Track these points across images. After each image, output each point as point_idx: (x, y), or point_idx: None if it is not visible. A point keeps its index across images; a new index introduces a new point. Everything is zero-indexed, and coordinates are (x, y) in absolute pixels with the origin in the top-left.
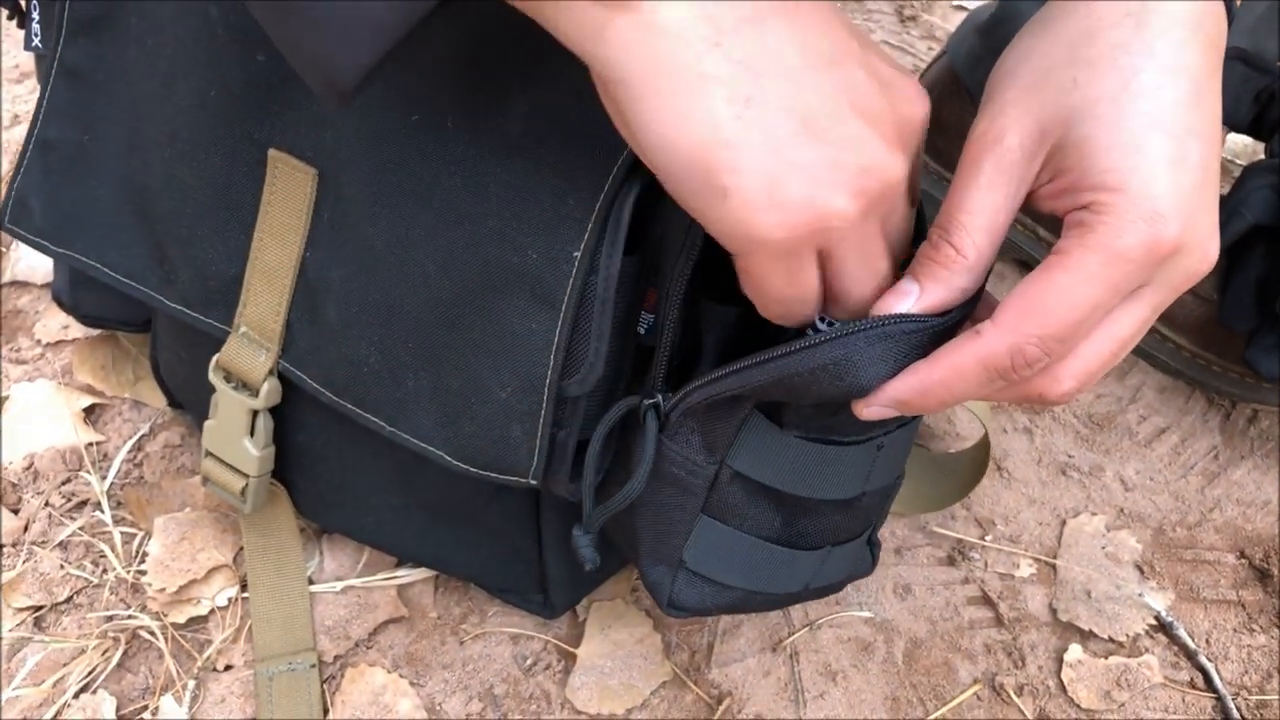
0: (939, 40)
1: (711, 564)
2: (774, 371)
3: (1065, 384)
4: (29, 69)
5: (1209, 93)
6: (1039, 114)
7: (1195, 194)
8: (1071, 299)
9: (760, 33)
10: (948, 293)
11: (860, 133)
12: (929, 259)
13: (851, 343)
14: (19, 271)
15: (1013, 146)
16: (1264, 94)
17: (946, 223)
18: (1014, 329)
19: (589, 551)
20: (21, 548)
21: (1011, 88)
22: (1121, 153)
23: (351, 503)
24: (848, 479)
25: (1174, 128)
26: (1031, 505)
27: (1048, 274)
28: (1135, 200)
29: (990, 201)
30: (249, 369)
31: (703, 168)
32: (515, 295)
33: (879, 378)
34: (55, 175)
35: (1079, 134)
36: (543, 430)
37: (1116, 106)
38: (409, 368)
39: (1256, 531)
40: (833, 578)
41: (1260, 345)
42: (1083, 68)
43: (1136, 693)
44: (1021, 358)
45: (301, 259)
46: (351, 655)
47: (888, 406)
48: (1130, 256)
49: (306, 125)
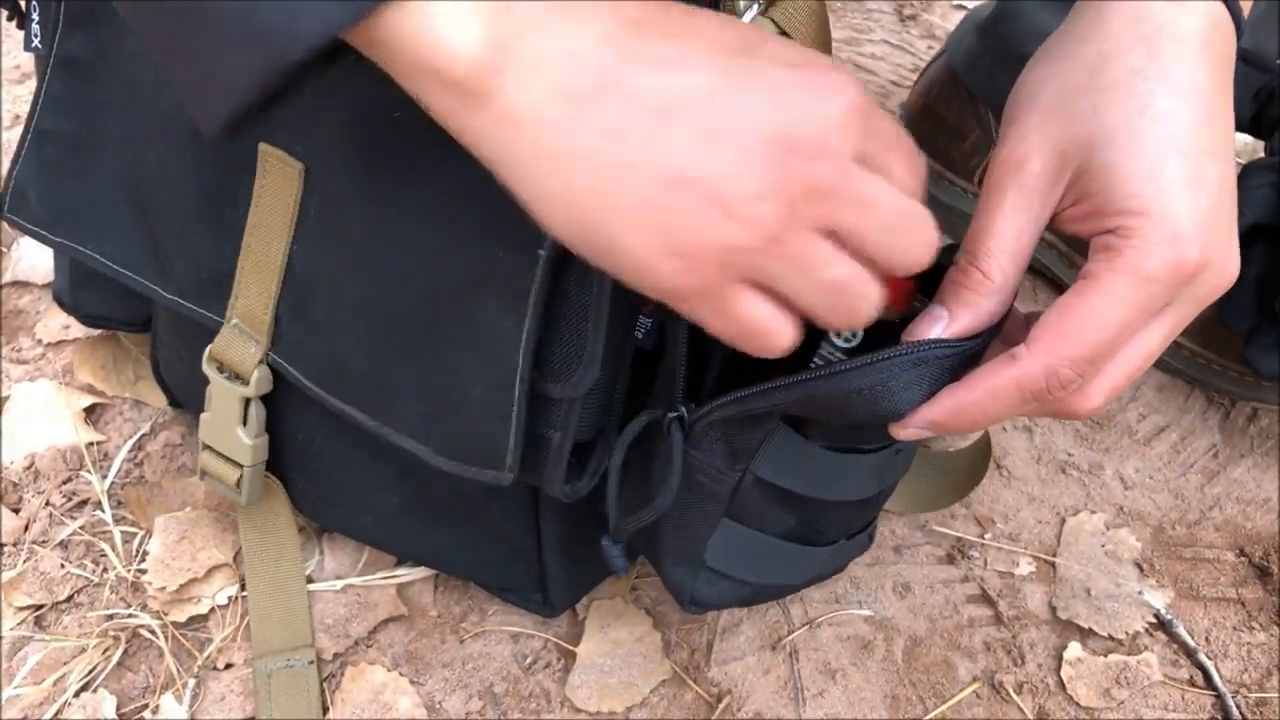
0: (938, 39)
1: (732, 563)
2: (804, 393)
3: (1094, 400)
4: (29, 70)
5: (1221, 110)
6: (1060, 140)
7: (1213, 212)
8: (1102, 321)
9: (619, 92)
10: (976, 316)
11: (745, 157)
12: (957, 284)
13: (886, 369)
14: (20, 271)
15: (1035, 172)
16: (1263, 92)
17: (973, 248)
18: (1049, 352)
19: (620, 561)
20: (22, 547)
21: (1032, 114)
22: (1143, 178)
23: (350, 502)
24: (866, 482)
25: (1190, 149)
26: (1031, 503)
27: (1080, 298)
28: (1159, 223)
29: (1014, 226)
30: (239, 360)
31: (588, 240)
32: (488, 293)
33: (913, 402)
34: (52, 166)
35: (1101, 160)
36: (516, 426)
37: (1135, 132)
38: (392, 364)
39: (1256, 529)
40: (843, 562)
41: (1260, 344)
42: (1100, 94)
43: (1136, 691)
44: (1056, 380)
45: (289, 254)
46: (351, 654)
47: (924, 428)
48: (1157, 278)
49: (296, 121)
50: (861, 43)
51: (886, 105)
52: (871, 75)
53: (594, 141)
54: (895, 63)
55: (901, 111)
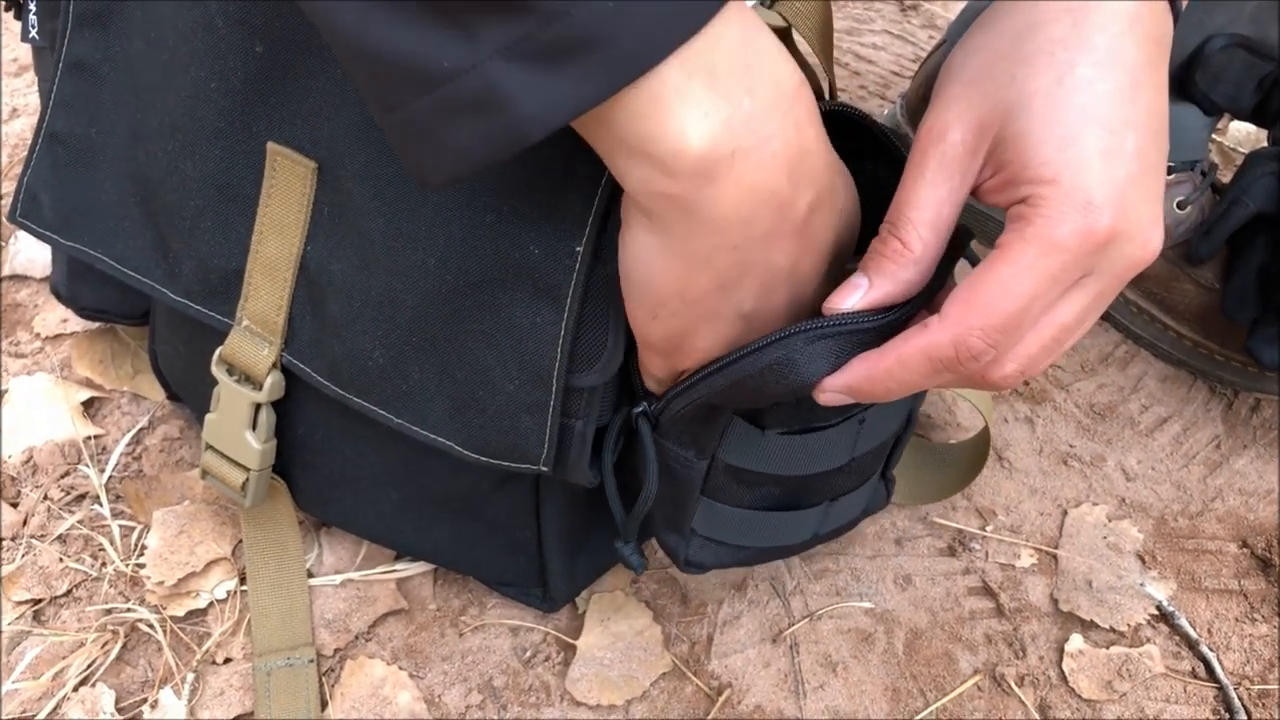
0: (939, 29)
1: (720, 531)
2: (730, 375)
3: (1006, 368)
4: (27, 62)
5: (1148, 85)
6: (979, 109)
7: (1131, 184)
8: (1011, 290)
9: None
10: (895, 285)
11: None
12: (877, 254)
13: (790, 344)
14: (18, 265)
15: (955, 142)
16: (1267, 80)
17: (894, 218)
18: (957, 321)
19: (636, 559)
20: (20, 541)
21: (955, 83)
22: (1055, 146)
23: (351, 496)
24: (835, 453)
25: (1109, 120)
26: (1033, 495)
27: (989, 267)
28: (1069, 192)
29: (935, 196)
30: (252, 362)
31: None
32: (518, 289)
33: (821, 373)
34: (63, 168)
35: (1016, 128)
36: (552, 420)
37: (1051, 100)
38: (413, 360)
39: (1259, 521)
40: (843, 520)
41: (1262, 334)
42: (1021, 63)
43: (1138, 683)
44: (966, 350)
45: (302, 252)
46: (351, 648)
47: (840, 393)
48: (1066, 246)
49: (305, 117)
50: (862, 33)
51: (887, 95)
52: (872, 65)
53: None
54: (896, 53)
55: (901, 102)
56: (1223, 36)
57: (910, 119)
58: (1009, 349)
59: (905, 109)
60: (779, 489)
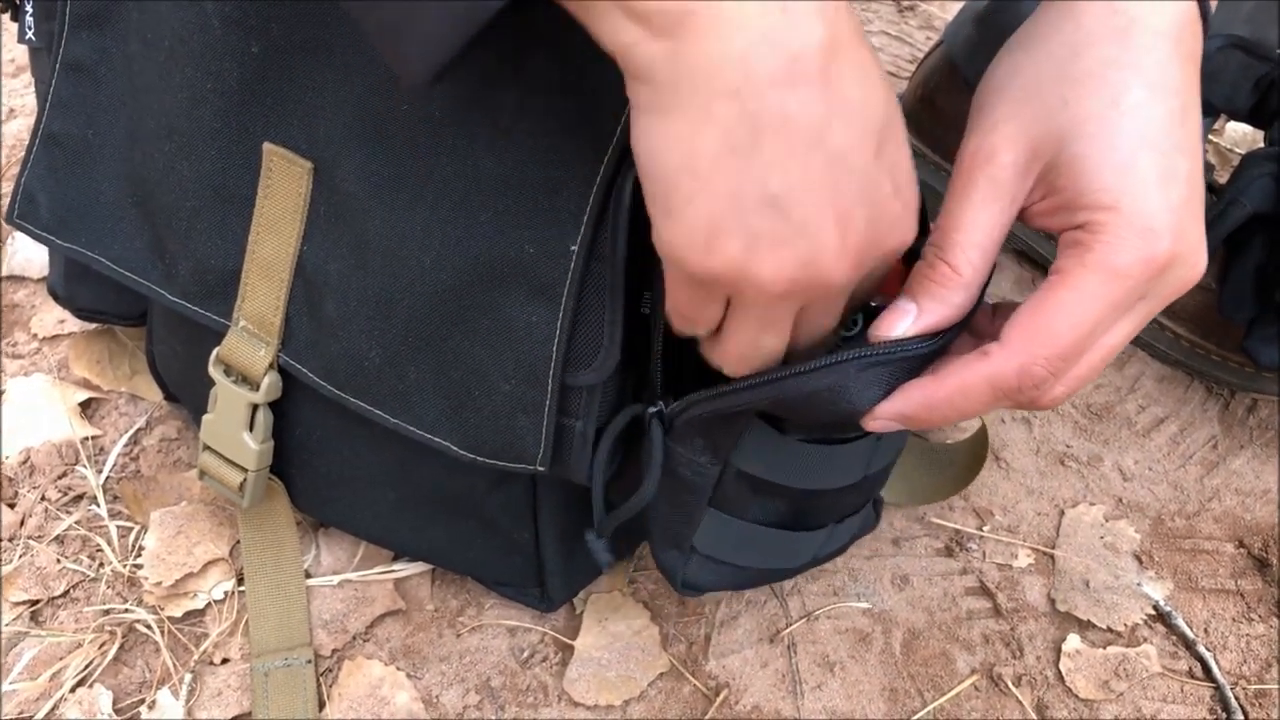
0: (936, 30)
1: (721, 549)
2: (768, 394)
3: (1057, 390)
4: (24, 63)
5: (1192, 108)
6: (1030, 131)
7: (1185, 208)
8: (1075, 319)
9: (785, 98)
10: (945, 310)
11: (823, 228)
12: (925, 278)
13: (842, 370)
14: (15, 266)
15: (1005, 164)
16: (1263, 81)
17: (941, 241)
18: (1022, 351)
19: (605, 555)
20: (18, 542)
21: (1002, 104)
22: (1114, 171)
23: (348, 497)
24: (850, 469)
25: (1162, 144)
26: (1030, 495)
27: (1051, 294)
28: (1129, 218)
29: (984, 219)
30: (249, 363)
31: (666, 185)
32: (513, 288)
33: (872, 400)
34: (61, 170)
35: (1071, 153)
36: (548, 420)
37: (1106, 124)
38: (409, 360)
39: (1255, 521)
40: (840, 543)
41: (1259, 334)
42: (1071, 85)
43: (1135, 682)
44: (1029, 379)
45: (299, 253)
46: (349, 648)
47: (893, 420)
48: (1129, 274)
49: (301, 118)
50: None
51: None
52: None
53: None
54: (893, 54)
55: (899, 102)
56: (1220, 37)
57: (908, 119)
58: (1066, 374)
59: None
60: (787, 505)
